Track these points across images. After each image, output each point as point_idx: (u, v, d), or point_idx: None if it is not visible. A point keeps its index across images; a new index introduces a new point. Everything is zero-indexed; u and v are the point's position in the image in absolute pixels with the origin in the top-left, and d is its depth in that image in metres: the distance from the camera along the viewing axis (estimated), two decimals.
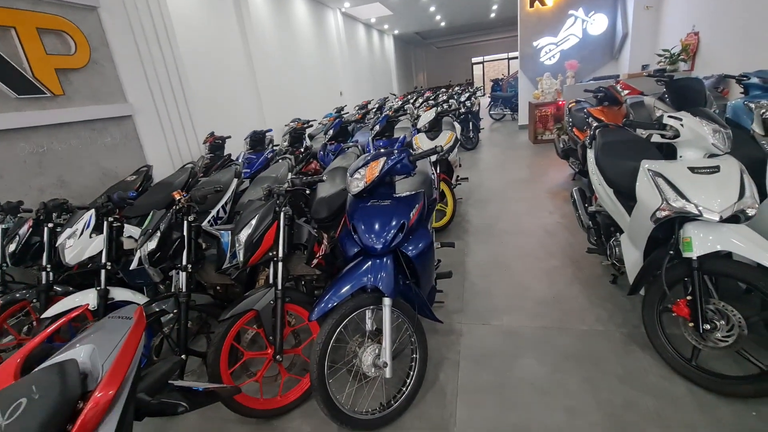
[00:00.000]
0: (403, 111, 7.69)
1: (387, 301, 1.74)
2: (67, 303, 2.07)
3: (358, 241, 1.79)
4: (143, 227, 2.01)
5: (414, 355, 1.91)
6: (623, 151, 2.46)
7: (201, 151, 4.58)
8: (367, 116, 6.70)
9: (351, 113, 8.14)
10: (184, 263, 1.98)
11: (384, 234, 1.75)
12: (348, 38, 11.51)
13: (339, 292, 1.71)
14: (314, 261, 2.03)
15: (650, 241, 2.00)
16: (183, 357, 1.95)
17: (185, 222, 2.00)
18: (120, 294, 2.17)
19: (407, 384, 1.87)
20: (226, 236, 2.21)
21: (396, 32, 17.34)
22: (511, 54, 22.00)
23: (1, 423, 0.65)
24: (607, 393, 1.84)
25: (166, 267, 2.12)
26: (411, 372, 1.89)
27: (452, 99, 8.47)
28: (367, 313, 1.82)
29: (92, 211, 2.15)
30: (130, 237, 2.29)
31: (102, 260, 2.12)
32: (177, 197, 2.04)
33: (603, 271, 2.80)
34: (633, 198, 2.00)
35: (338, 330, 1.70)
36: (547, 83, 7.61)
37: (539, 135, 7.67)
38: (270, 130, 4.67)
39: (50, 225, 2.28)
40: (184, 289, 1.97)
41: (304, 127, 5.72)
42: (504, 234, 3.73)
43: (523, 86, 8.91)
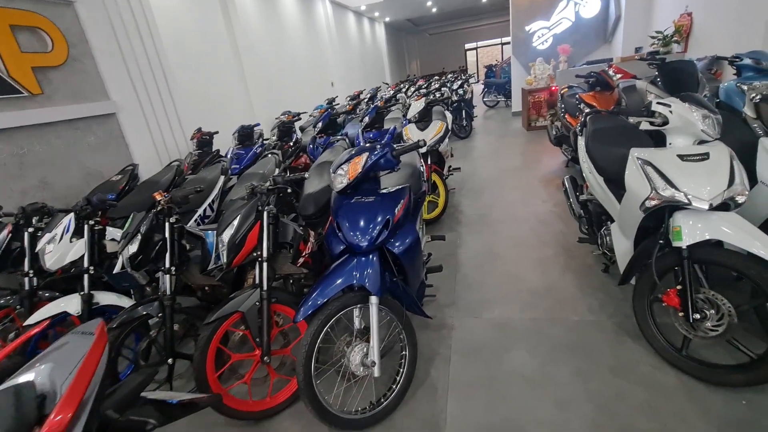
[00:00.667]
0: (395, 101, 7.61)
1: (374, 300, 1.71)
2: (51, 309, 2.03)
3: (343, 239, 1.76)
4: (123, 230, 1.97)
5: (404, 353, 1.89)
6: (614, 138, 2.41)
7: (189, 148, 4.50)
8: (359, 107, 6.59)
9: (342, 104, 8.03)
10: (167, 266, 1.94)
11: (369, 231, 1.72)
12: (338, 27, 11.29)
13: (324, 292, 1.68)
14: (300, 260, 2.00)
15: (640, 230, 1.97)
16: (170, 361, 1.92)
17: (167, 223, 1.95)
18: (105, 298, 2.14)
19: (397, 381, 1.86)
20: (211, 236, 2.17)
21: (387, 19, 17.05)
22: (505, 39, 21.70)
23: None
24: (598, 384, 1.83)
25: (152, 269, 2.09)
26: (401, 369, 1.88)
27: (444, 87, 8.35)
28: (355, 312, 1.79)
29: (71, 215, 2.10)
30: (114, 240, 2.24)
31: (84, 265, 2.08)
32: (158, 198, 1.99)
33: (595, 260, 2.78)
34: (623, 186, 1.96)
35: (324, 330, 1.67)
36: (540, 69, 7.51)
37: (533, 121, 7.60)
38: (258, 125, 4.58)
39: (30, 230, 2.23)
40: (168, 292, 1.93)
41: (294, 120, 5.63)
42: (497, 223, 3.71)
43: (516, 72, 8.80)
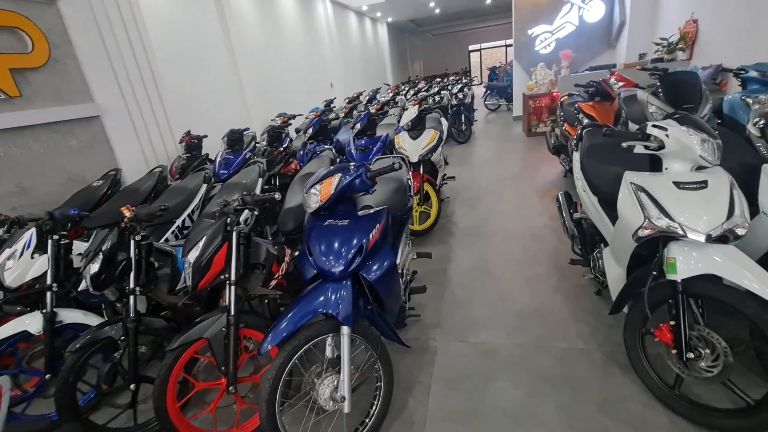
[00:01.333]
0: (394, 103, 7.48)
1: (345, 330, 1.60)
2: (13, 327, 1.93)
3: (314, 264, 1.65)
4: (86, 248, 1.86)
5: (378, 383, 1.79)
6: (610, 156, 2.30)
7: (178, 151, 4.40)
8: (355, 110, 6.46)
9: (340, 106, 7.91)
10: (132, 286, 1.84)
11: (341, 257, 1.61)
12: (338, 27, 11.17)
13: (293, 321, 1.57)
14: (272, 282, 1.89)
15: (634, 257, 1.85)
16: (132, 387, 1.82)
17: (132, 241, 1.85)
18: (70, 316, 2.03)
19: (371, 415, 1.75)
20: (181, 253, 2.06)
21: (390, 20, 16.91)
22: (509, 41, 21.49)
23: None
24: (584, 422, 1.72)
25: (118, 287, 1.99)
26: (375, 402, 1.77)
27: (445, 90, 8.23)
28: (328, 340, 1.69)
29: (32, 230, 2.00)
30: (80, 254, 2.14)
31: (48, 281, 1.98)
32: (126, 214, 1.89)
33: (588, 281, 2.66)
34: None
35: (292, 362, 1.57)
36: (541, 74, 7.37)
37: (533, 127, 7.47)
38: (247, 129, 4.48)
39: None
40: (132, 314, 1.83)
41: (288, 124, 5.52)
42: (490, 237, 3.59)
43: (518, 76, 8.67)
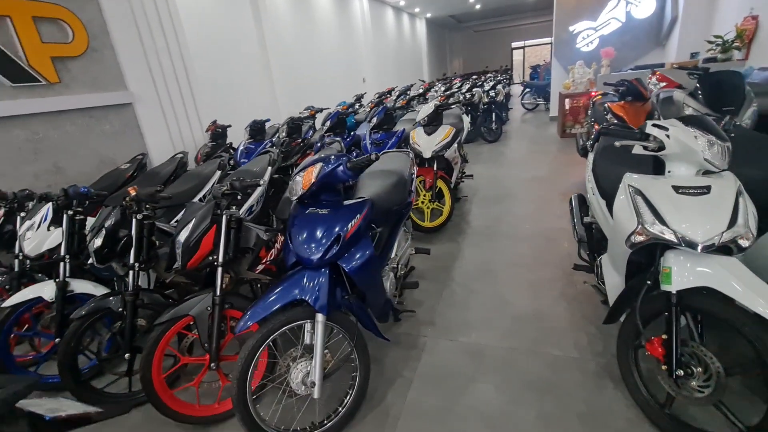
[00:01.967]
0: (424, 100, 7.42)
1: (320, 317, 1.62)
2: (27, 293, 2.11)
3: (293, 251, 1.68)
4: (92, 223, 2.00)
5: (354, 373, 1.79)
6: (623, 158, 2.16)
7: (205, 139, 4.61)
8: (382, 105, 6.46)
9: (369, 100, 7.93)
10: (131, 261, 1.95)
11: (319, 245, 1.62)
12: (374, 22, 11.19)
13: (267, 305, 1.61)
14: (259, 267, 1.94)
15: (632, 264, 1.74)
16: (127, 356, 1.94)
17: (134, 219, 1.96)
18: (80, 286, 2.18)
19: (344, 403, 1.76)
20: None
21: (428, 15, 16.73)
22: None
23: None
24: None
25: (119, 263, 2.11)
26: (350, 391, 1.78)
27: (477, 88, 8.05)
28: (307, 326, 1.71)
29: (49, 205, 2.17)
30: None
31: (61, 252, 2.14)
32: (131, 193, 2.00)
33: (595, 289, 2.52)
34: None
35: (264, 345, 1.61)
36: (579, 72, 7.03)
37: (567, 128, 7.15)
38: (268, 120, 4.61)
39: (22, 214, 2.33)
40: (131, 287, 1.94)
41: (313, 117, 5.63)
42: (501, 238, 3.49)
43: (556, 75, 8.32)
